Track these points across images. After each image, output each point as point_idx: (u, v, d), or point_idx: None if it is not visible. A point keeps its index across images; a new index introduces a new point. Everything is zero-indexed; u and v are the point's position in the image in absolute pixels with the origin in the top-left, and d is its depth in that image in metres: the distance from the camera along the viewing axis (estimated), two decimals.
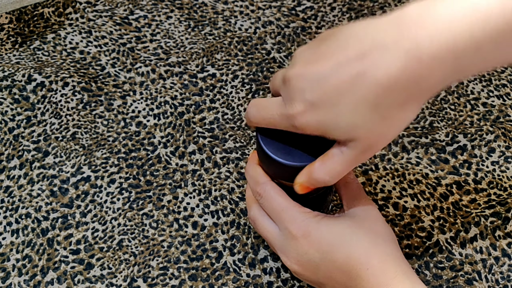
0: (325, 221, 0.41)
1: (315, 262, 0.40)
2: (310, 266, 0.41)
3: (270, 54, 0.64)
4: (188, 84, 0.62)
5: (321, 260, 0.40)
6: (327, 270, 0.40)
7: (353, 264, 0.39)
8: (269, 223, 0.43)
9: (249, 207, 0.45)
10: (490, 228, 0.51)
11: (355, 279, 0.39)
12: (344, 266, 0.39)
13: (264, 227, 0.44)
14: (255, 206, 0.44)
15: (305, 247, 0.40)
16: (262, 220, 0.44)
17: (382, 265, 0.39)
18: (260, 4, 0.69)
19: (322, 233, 0.40)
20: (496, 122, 0.58)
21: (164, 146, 0.57)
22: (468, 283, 0.49)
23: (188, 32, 0.67)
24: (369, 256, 0.39)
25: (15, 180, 0.55)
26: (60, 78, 0.61)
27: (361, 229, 0.41)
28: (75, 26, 0.67)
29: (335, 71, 0.35)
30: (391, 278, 0.38)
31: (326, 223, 0.41)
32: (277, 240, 0.43)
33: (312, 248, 0.40)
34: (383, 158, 0.56)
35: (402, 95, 0.34)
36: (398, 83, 0.33)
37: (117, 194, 0.54)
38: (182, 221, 0.52)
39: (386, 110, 0.35)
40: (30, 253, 0.51)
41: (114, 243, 0.51)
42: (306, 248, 0.40)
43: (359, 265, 0.39)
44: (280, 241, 0.42)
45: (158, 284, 0.49)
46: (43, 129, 0.58)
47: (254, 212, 0.45)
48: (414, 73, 0.33)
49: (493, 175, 0.55)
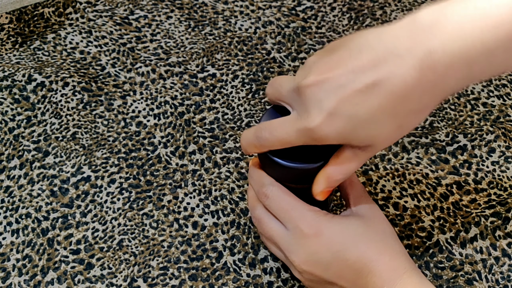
0: (336, 220, 0.41)
1: (326, 260, 0.40)
2: (319, 265, 0.41)
3: (270, 54, 0.64)
4: (188, 84, 0.62)
5: (332, 259, 0.40)
6: (337, 269, 0.40)
7: (365, 262, 0.40)
8: (275, 223, 0.43)
9: (253, 207, 0.45)
10: (490, 228, 0.51)
11: (366, 276, 0.40)
12: (357, 264, 0.40)
13: (270, 227, 0.43)
14: (259, 206, 0.44)
15: (316, 246, 0.41)
16: (268, 219, 0.44)
17: (393, 261, 0.40)
18: (260, 4, 0.69)
19: (335, 233, 0.41)
20: (496, 122, 0.58)
21: (164, 146, 0.57)
22: (468, 283, 0.49)
23: (188, 32, 0.67)
24: (381, 253, 0.40)
25: (15, 180, 0.55)
26: (60, 78, 0.61)
27: (371, 228, 0.41)
28: (75, 26, 0.67)
29: (351, 80, 0.35)
30: (402, 273, 0.39)
31: (338, 222, 0.41)
32: (284, 240, 0.42)
33: (324, 247, 0.40)
34: (383, 158, 0.56)
35: (418, 103, 0.35)
36: (414, 92, 0.34)
37: (117, 194, 0.54)
38: (182, 221, 0.52)
39: (402, 119, 0.36)
40: (30, 253, 0.51)
41: (114, 243, 0.51)
42: (317, 247, 0.40)
43: (371, 262, 0.39)
44: (288, 240, 0.42)
45: (158, 284, 0.49)
46: (43, 129, 0.58)
47: (259, 212, 0.44)
48: (429, 82, 0.34)
49: (493, 175, 0.55)
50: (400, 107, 0.35)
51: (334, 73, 0.35)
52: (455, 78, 0.34)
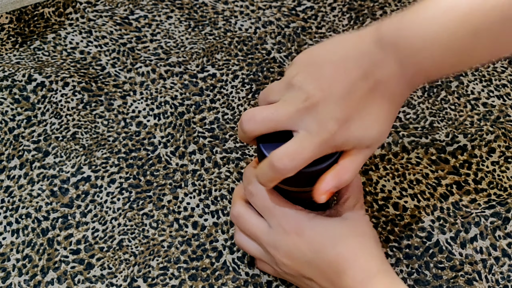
0: (318, 221, 0.43)
1: (307, 258, 0.43)
2: (300, 261, 0.43)
3: (270, 54, 0.65)
4: (188, 84, 0.62)
5: (312, 257, 0.42)
6: (317, 266, 0.42)
7: (341, 262, 0.42)
8: (256, 218, 0.45)
9: (233, 203, 0.46)
10: (490, 228, 0.51)
11: (341, 276, 0.41)
12: (333, 264, 0.42)
13: (251, 223, 0.45)
14: (239, 202, 0.46)
15: (297, 243, 0.42)
16: (249, 216, 0.45)
17: (367, 263, 0.42)
18: (260, 4, 0.69)
19: (315, 233, 0.42)
20: (496, 122, 0.58)
21: (164, 146, 0.57)
22: (468, 283, 0.49)
23: (188, 32, 0.67)
24: (356, 255, 0.42)
25: (15, 180, 0.55)
26: (60, 78, 0.61)
27: (351, 230, 0.43)
28: (76, 26, 0.67)
29: (353, 90, 0.39)
30: (373, 275, 0.41)
31: (319, 223, 0.43)
32: (266, 235, 0.44)
33: (304, 246, 0.42)
34: (383, 158, 0.56)
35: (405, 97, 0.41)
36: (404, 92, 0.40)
37: (117, 194, 0.54)
38: (182, 221, 0.52)
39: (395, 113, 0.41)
40: (30, 253, 0.51)
41: (114, 243, 0.51)
42: (298, 245, 0.42)
43: (346, 262, 0.41)
44: (271, 236, 0.43)
45: (158, 284, 0.49)
46: (43, 129, 0.58)
47: (238, 209, 0.46)
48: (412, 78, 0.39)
49: (493, 175, 0.55)
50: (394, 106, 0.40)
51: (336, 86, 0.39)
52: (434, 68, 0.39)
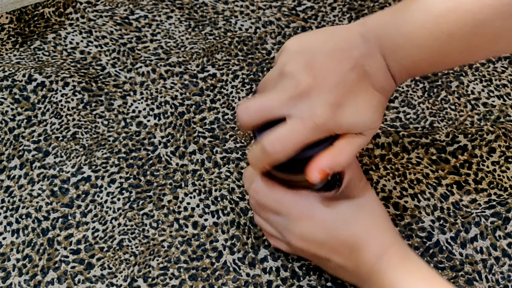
0: (327, 203, 0.44)
1: (320, 238, 0.44)
2: (314, 243, 0.44)
3: (271, 54, 0.65)
4: (188, 84, 0.62)
5: (325, 237, 0.44)
6: (331, 245, 0.44)
7: (355, 239, 0.43)
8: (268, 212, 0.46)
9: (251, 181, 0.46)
10: (490, 228, 0.51)
11: (356, 252, 0.43)
12: (347, 241, 0.44)
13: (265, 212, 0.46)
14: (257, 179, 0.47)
15: (310, 227, 0.44)
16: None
17: (380, 237, 0.44)
18: (261, 4, 0.69)
19: (326, 215, 0.44)
20: (496, 122, 0.58)
21: (165, 146, 0.57)
22: (468, 283, 0.49)
23: (189, 32, 0.67)
24: (369, 231, 0.44)
25: (16, 180, 0.55)
26: (61, 78, 0.61)
27: (360, 209, 0.45)
28: (76, 26, 0.67)
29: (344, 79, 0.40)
30: (388, 248, 0.43)
31: (328, 205, 0.44)
32: (280, 224, 0.45)
33: (317, 227, 0.44)
34: (383, 158, 0.56)
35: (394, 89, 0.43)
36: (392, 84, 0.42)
37: (118, 194, 0.54)
38: (182, 221, 0.52)
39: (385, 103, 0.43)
40: (31, 253, 0.51)
41: (115, 243, 0.51)
42: (311, 228, 0.44)
43: (360, 239, 0.43)
44: (284, 224, 0.45)
45: (158, 284, 0.49)
46: (43, 129, 0.58)
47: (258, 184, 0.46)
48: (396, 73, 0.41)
49: (494, 175, 0.55)
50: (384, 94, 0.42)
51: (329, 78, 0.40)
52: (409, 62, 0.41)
